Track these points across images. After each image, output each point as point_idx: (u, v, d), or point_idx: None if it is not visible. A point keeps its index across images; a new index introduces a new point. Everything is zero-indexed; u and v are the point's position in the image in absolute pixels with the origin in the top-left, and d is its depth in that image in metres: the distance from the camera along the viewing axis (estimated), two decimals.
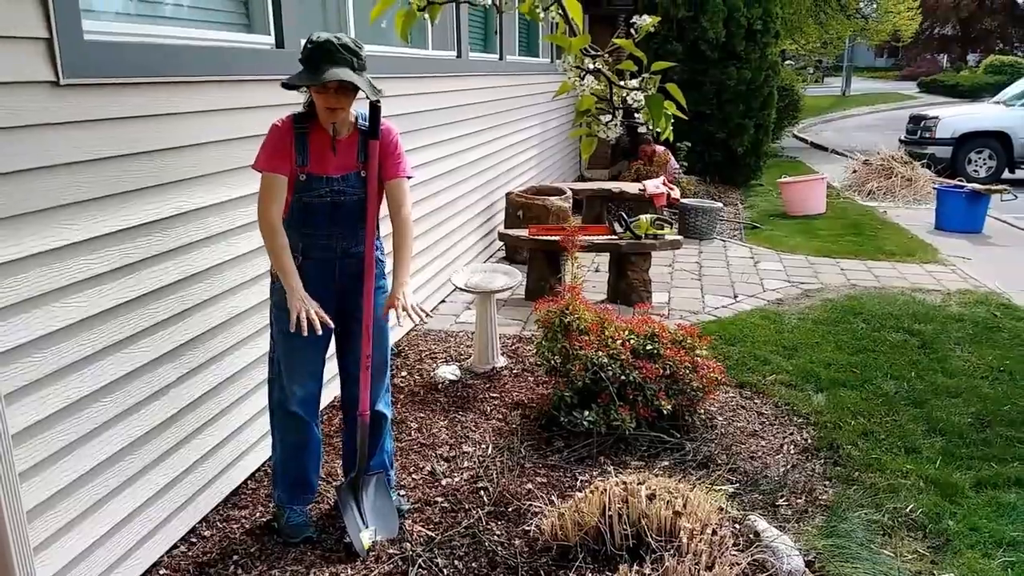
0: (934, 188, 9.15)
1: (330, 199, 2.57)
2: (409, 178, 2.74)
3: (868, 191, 10.62)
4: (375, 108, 2.59)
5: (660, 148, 9.16)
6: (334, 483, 3.16)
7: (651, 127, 2.38)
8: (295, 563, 2.71)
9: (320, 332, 2.47)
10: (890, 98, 29.88)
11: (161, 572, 2.68)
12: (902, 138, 13.09)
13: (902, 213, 9.39)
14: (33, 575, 2.14)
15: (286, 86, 2.46)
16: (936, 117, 12.48)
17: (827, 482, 3.24)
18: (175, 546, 2.81)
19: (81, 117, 2.27)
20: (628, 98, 2.34)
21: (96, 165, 2.33)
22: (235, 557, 2.75)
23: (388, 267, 2.78)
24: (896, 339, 4.82)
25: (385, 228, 2.73)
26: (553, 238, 5.47)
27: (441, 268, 5.58)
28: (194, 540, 2.86)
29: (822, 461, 3.42)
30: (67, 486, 2.28)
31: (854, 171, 11.35)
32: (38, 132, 2.13)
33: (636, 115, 2.47)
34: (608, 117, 2.43)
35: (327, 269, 2.67)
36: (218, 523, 2.97)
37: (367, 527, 2.78)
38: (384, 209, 2.73)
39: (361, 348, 2.70)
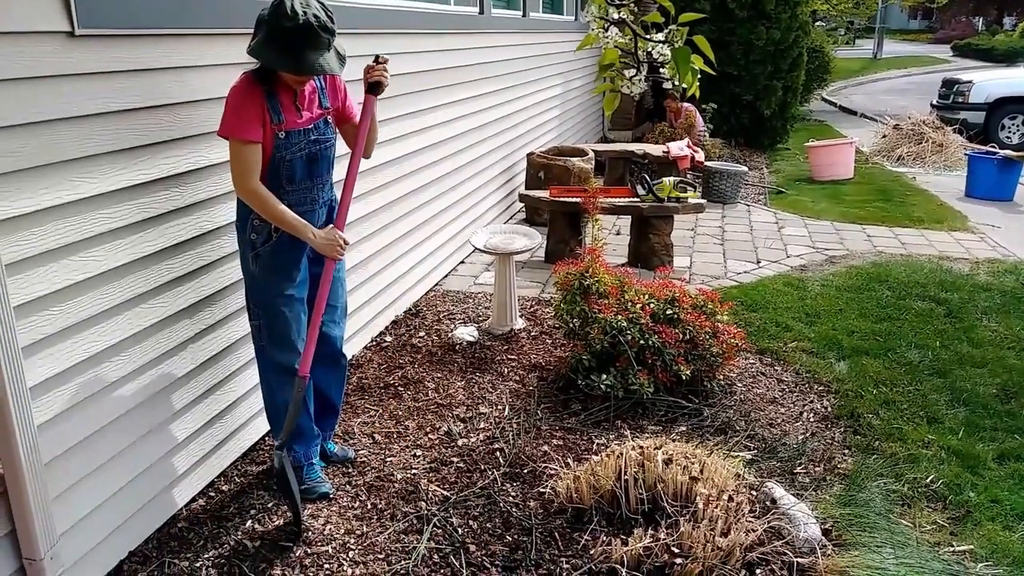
0: (965, 154, 8.94)
1: (307, 150, 2.55)
2: None
3: (897, 156, 10.39)
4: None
5: (687, 105, 8.93)
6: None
7: (677, 83, 2.30)
8: (312, 519, 2.74)
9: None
10: (923, 61, 29.12)
11: (179, 525, 2.71)
12: (934, 103, 12.76)
13: (932, 180, 9.19)
14: (53, 528, 2.18)
15: (255, 56, 2.35)
16: (969, 81, 12.13)
17: (846, 451, 3.21)
18: (193, 499, 2.84)
19: (96, 69, 2.24)
20: (654, 52, 2.26)
21: (111, 118, 2.30)
22: (252, 512, 2.78)
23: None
24: (922, 307, 4.74)
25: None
26: (574, 200, 5.41)
27: (461, 229, 5.54)
28: (212, 494, 2.89)
29: (842, 429, 3.38)
30: (86, 439, 2.30)
31: (884, 136, 11.10)
32: (53, 84, 2.11)
33: (661, 70, 2.39)
34: (632, 72, 2.35)
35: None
36: (236, 478, 3.00)
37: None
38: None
39: (339, 292, 2.84)
